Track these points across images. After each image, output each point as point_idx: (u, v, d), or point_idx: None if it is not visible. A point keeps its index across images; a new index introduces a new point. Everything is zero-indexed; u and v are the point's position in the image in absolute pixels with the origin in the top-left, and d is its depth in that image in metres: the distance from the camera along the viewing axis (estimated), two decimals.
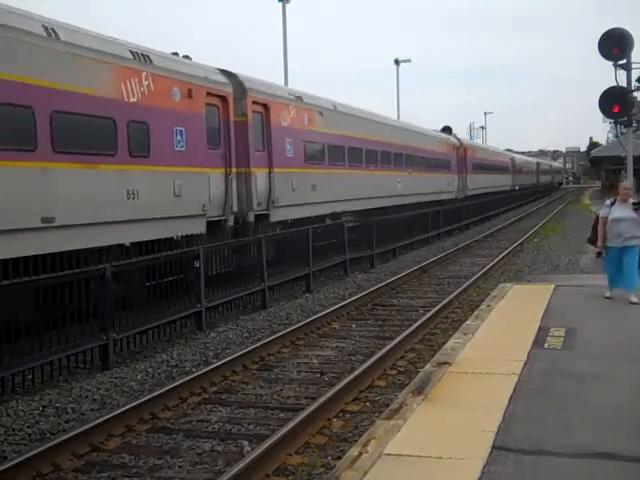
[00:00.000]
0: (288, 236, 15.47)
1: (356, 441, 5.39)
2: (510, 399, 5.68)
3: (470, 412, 5.43)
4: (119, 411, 7.11)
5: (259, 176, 15.85)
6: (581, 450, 4.62)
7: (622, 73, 20.44)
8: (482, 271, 17.10)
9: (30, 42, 9.85)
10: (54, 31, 10.46)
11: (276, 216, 16.40)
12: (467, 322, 9.19)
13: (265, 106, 16.38)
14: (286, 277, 14.59)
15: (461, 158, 37.43)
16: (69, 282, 8.84)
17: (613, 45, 19.80)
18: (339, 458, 5.55)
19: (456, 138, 39.11)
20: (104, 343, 9.20)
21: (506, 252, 21.40)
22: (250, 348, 9.73)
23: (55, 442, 6.24)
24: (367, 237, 19.25)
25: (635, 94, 22.67)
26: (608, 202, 10.63)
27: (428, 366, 7.01)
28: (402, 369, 8.97)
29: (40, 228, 9.77)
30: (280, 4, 31.84)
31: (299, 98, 18.70)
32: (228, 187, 14.50)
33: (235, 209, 14.80)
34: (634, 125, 28.58)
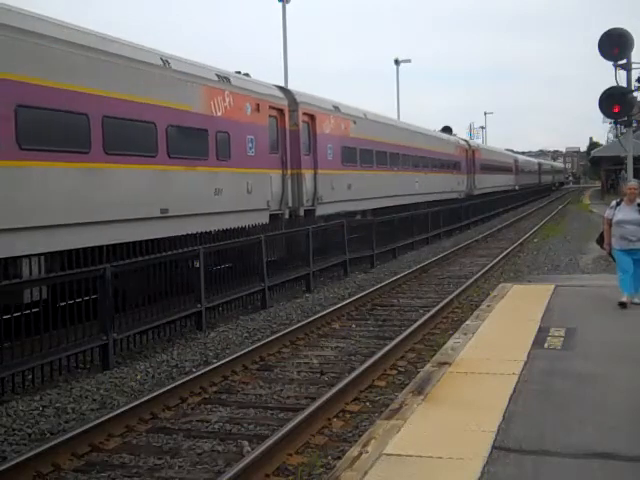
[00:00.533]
0: (290, 236, 15.50)
1: (356, 441, 5.39)
2: (510, 399, 5.68)
3: (470, 412, 5.43)
4: (119, 411, 7.11)
5: (307, 176, 18.62)
6: (581, 450, 4.62)
7: (622, 73, 20.42)
8: (482, 271, 17.10)
9: (153, 72, 12.60)
10: (167, 62, 13.14)
11: (320, 211, 19.15)
12: (467, 322, 9.19)
13: (312, 116, 19.23)
14: (286, 277, 14.60)
15: (470, 159, 39.92)
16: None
17: (613, 45, 19.79)
18: (339, 458, 5.56)
19: (465, 141, 42.49)
20: (104, 343, 9.20)
21: (506, 252, 21.40)
22: (250, 348, 9.73)
23: (55, 442, 6.24)
24: (367, 237, 19.26)
25: (635, 94, 22.64)
26: (614, 203, 10.05)
27: (428, 366, 7.00)
28: (402, 369, 8.98)
29: (159, 217, 12.33)
30: (280, 4, 31.82)
31: (337, 108, 21.43)
32: (284, 186, 17.36)
33: (290, 204, 17.69)
34: (634, 125, 28.59)
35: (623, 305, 9.50)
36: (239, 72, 17.01)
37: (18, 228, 9.54)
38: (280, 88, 18.61)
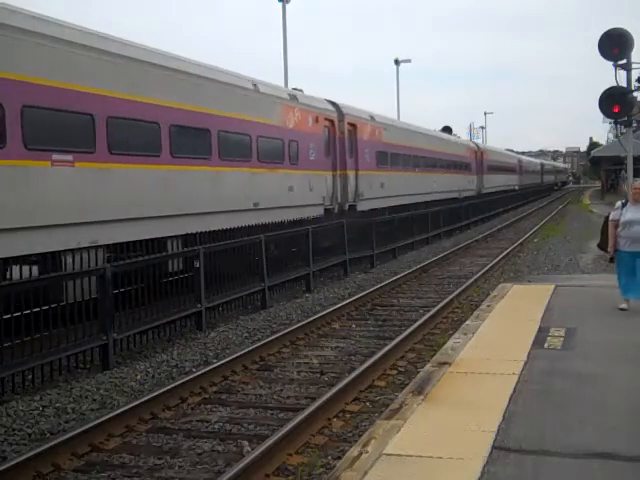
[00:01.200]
0: (288, 236, 15.50)
1: (356, 441, 5.39)
2: (510, 399, 5.68)
3: (470, 412, 5.43)
4: (119, 411, 7.11)
5: (350, 177, 21.73)
6: (581, 450, 4.62)
7: (622, 73, 20.43)
8: (482, 271, 17.10)
9: (248, 94, 16.17)
10: (256, 85, 16.62)
11: (360, 207, 22.19)
12: (467, 322, 9.19)
13: (354, 125, 22.39)
14: (286, 277, 14.60)
15: (479, 161, 43.03)
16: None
17: (613, 45, 19.79)
18: (339, 458, 5.56)
19: (474, 143, 46.91)
20: (104, 343, 9.20)
21: (506, 252, 21.40)
22: (250, 348, 9.73)
23: (55, 442, 6.24)
24: (367, 237, 19.27)
25: (635, 94, 22.64)
26: (619, 203, 9.79)
27: (428, 366, 7.00)
28: (402, 369, 8.97)
29: (252, 209, 15.71)
30: (280, 4, 31.83)
31: (372, 118, 24.67)
32: (335, 184, 20.65)
33: (339, 200, 20.91)
34: (634, 125, 28.58)
35: (624, 311, 9.29)
36: (295, 88, 21.14)
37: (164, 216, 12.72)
38: (330, 102, 21.65)
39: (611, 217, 9.68)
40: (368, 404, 7.64)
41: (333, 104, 21.54)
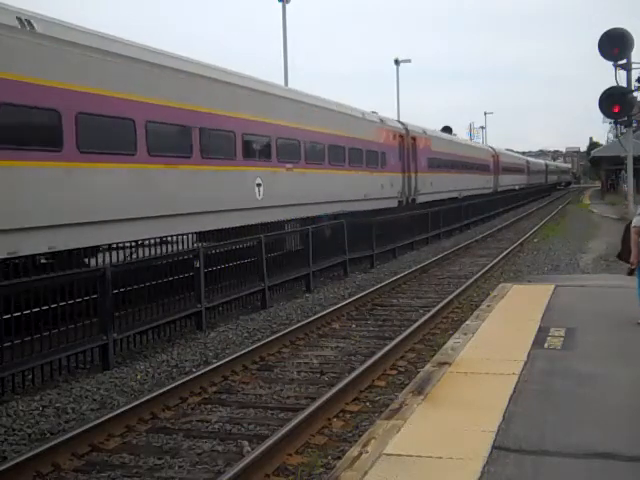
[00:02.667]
0: (289, 235, 15.53)
1: (356, 441, 5.39)
2: (510, 399, 5.67)
3: (470, 412, 5.43)
4: (119, 411, 7.11)
5: (412, 177, 28.78)
6: (581, 450, 4.62)
7: (622, 73, 20.47)
8: (482, 271, 17.09)
9: (358, 120, 23.42)
10: (363, 114, 24.38)
11: (418, 199, 29.23)
12: (467, 322, 9.19)
13: (414, 138, 29.51)
14: (286, 277, 14.60)
15: (495, 163, 49.85)
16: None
17: (613, 45, 19.82)
18: (339, 458, 5.55)
19: (491, 148, 53.13)
20: (104, 343, 9.20)
21: (506, 252, 21.40)
22: (250, 348, 9.73)
23: (55, 442, 6.24)
24: (367, 237, 19.27)
25: (635, 94, 22.66)
26: None
27: (428, 366, 7.00)
28: (402, 369, 8.97)
29: (363, 199, 22.60)
30: (280, 4, 31.82)
31: (425, 132, 32.26)
32: (404, 183, 27.75)
33: (406, 194, 27.92)
34: (634, 125, 28.58)
35: None
36: (374, 112, 27.07)
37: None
38: (400, 122, 30.10)
39: (634, 223, 8.56)
40: (368, 404, 7.63)
41: (402, 123, 29.80)
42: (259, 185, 16.34)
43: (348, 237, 17.69)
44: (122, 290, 9.78)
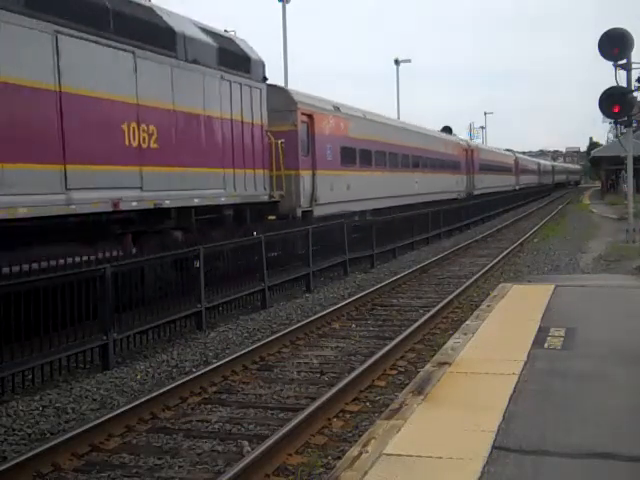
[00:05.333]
0: (291, 235, 15.54)
1: (356, 441, 5.38)
2: (510, 399, 5.67)
3: (470, 412, 5.43)
4: (119, 411, 7.10)
5: (471, 177, 41.23)
6: (581, 450, 4.61)
7: (622, 73, 20.45)
8: (482, 271, 17.09)
9: (443, 140, 37.90)
10: (449, 137, 40.67)
11: (474, 192, 41.20)
12: (467, 322, 9.18)
13: (472, 150, 42.49)
14: (286, 277, 14.60)
15: (515, 166, 60.62)
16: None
17: (613, 45, 19.80)
18: (339, 458, 5.55)
19: (513, 152, 66.27)
20: (104, 343, 9.20)
21: (506, 252, 21.40)
22: (250, 348, 9.73)
23: (55, 442, 6.23)
24: (367, 237, 19.27)
25: (635, 94, 22.64)
26: None
27: (428, 366, 6.99)
28: (402, 369, 8.97)
29: (445, 192, 34.70)
30: (280, 4, 31.84)
31: (477, 145, 47.19)
32: (467, 180, 40.27)
33: (469, 189, 40.33)
34: (634, 125, 28.56)
35: None
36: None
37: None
38: (464, 140, 44.25)
39: None
40: (368, 404, 7.63)
41: (465, 140, 45.15)
42: (416, 182, 30.06)
43: (348, 237, 17.69)
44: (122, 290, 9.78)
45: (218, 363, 8.96)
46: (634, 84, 21.62)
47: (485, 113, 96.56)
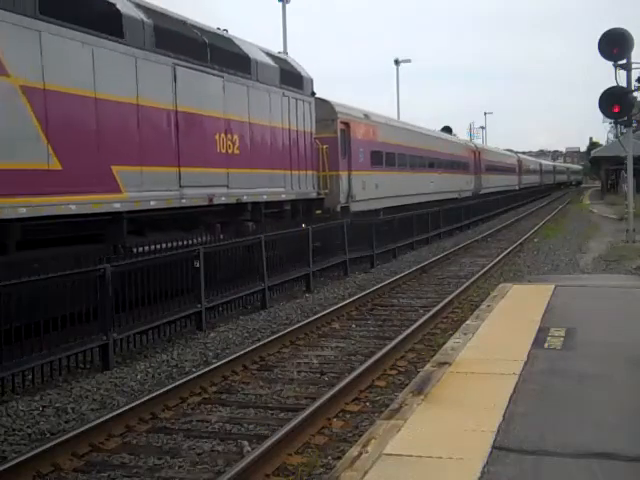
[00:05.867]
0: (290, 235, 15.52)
1: (356, 441, 5.38)
2: (510, 399, 5.67)
3: (470, 412, 5.43)
4: (119, 411, 7.10)
5: (479, 177, 44.38)
6: (581, 450, 4.61)
7: (622, 73, 20.44)
8: (482, 271, 17.10)
9: (456, 144, 42.51)
10: (460, 141, 47.76)
11: (481, 192, 44.20)
12: (467, 322, 9.17)
13: (479, 152, 45.34)
14: (286, 277, 14.59)
15: (519, 167, 63.94)
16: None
17: (613, 45, 19.80)
18: (339, 458, 5.55)
19: (515, 153, 70.69)
20: (104, 343, 9.20)
21: (506, 252, 21.40)
22: (250, 348, 9.73)
23: (55, 442, 6.24)
24: (367, 237, 19.27)
25: (635, 94, 22.66)
26: None
27: (428, 366, 6.99)
28: (402, 369, 8.97)
29: (457, 190, 38.14)
30: (280, 4, 31.84)
31: (483, 148, 49.86)
32: (475, 180, 43.19)
33: (476, 188, 43.14)
34: (634, 125, 28.56)
35: None
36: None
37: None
38: (472, 143, 48.62)
39: None
40: (368, 404, 7.63)
41: (474, 143, 49.63)
42: (432, 182, 32.80)
43: (348, 237, 17.70)
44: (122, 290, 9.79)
45: (218, 363, 8.96)
46: (634, 84, 21.65)
47: (485, 113, 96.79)
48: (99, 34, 11.09)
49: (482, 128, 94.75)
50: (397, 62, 50.40)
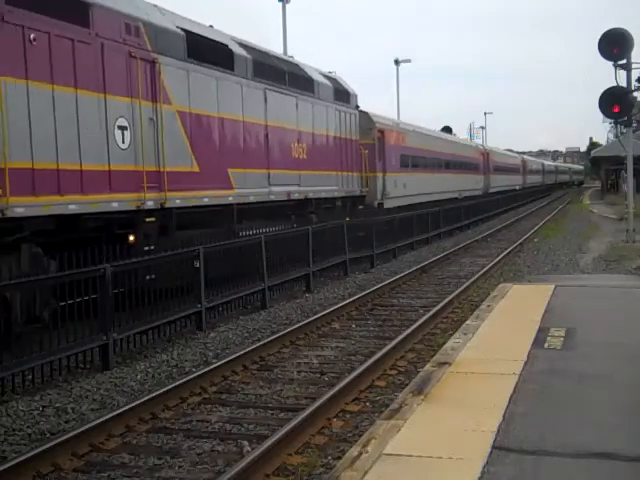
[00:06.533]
0: (289, 235, 15.52)
1: (356, 441, 5.38)
2: (510, 399, 5.67)
3: (470, 412, 5.43)
4: (119, 411, 7.10)
5: (487, 177, 47.72)
6: (581, 450, 4.61)
7: (622, 73, 20.44)
8: (482, 271, 17.09)
9: (471, 147, 48.58)
10: (471, 143, 54.92)
11: (489, 190, 47.30)
12: (467, 322, 9.17)
13: (488, 154, 48.82)
14: (286, 277, 14.59)
15: (523, 167, 67.31)
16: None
17: (613, 45, 19.80)
18: (339, 458, 5.55)
19: (520, 155, 73.08)
20: (104, 343, 9.20)
21: (506, 252, 21.40)
22: (250, 348, 9.73)
23: (55, 442, 6.24)
24: (367, 237, 19.27)
25: (635, 94, 22.66)
26: None
27: (428, 366, 6.99)
28: (402, 369, 8.97)
29: (471, 190, 41.73)
30: (280, 4, 31.85)
31: (491, 149, 52.89)
32: (484, 180, 46.36)
33: (485, 187, 46.29)
34: (634, 125, 28.55)
35: None
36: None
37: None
38: (482, 145, 53.61)
39: None
40: (368, 404, 7.63)
41: (483, 146, 52.16)
42: (449, 181, 36.19)
43: (348, 237, 17.70)
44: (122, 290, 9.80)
45: (218, 363, 8.96)
46: (634, 84, 21.65)
47: (485, 113, 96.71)
48: (220, 69, 14.52)
49: (482, 128, 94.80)
50: (397, 62, 50.40)
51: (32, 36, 9.60)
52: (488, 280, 16.15)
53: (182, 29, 13.39)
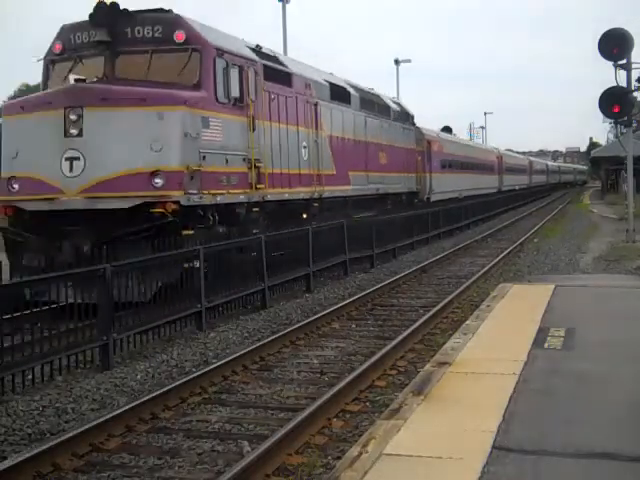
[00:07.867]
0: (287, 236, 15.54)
1: (356, 441, 5.38)
2: (510, 399, 5.67)
3: (470, 412, 5.43)
4: (119, 411, 7.10)
5: (501, 176, 54.76)
6: (581, 450, 4.61)
7: (622, 73, 20.44)
8: (482, 271, 17.09)
9: (492, 152, 55.67)
10: (488, 146, 60.89)
11: (502, 189, 52.96)
12: (467, 322, 9.18)
13: (501, 157, 55.73)
14: (286, 277, 14.59)
15: (529, 167, 72.76)
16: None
17: (613, 45, 19.81)
18: (339, 458, 5.55)
19: (526, 157, 78.65)
20: (104, 343, 9.20)
21: (506, 252, 21.40)
22: (250, 348, 9.73)
23: (55, 442, 6.23)
24: (367, 237, 19.27)
25: (635, 94, 22.66)
26: None
27: (428, 366, 7.00)
28: (402, 369, 8.97)
29: (489, 187, 48.61)
30: (280, 4, 31.87)
31: (503, 152, 60.08)
32: (499, 179, 53.95)
33: (499, 186, 53.14)
34: (634, 125, 28.56)
35: None
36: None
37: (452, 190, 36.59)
38: (495, 147, 59.12)
39: None
40: (368, 404, 7.63)
41: (496, 149, 57.02)
42: (473, 180, 41.93)
43: (348, 237, 17.70)
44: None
45: (218, 363, 8.96)
46: (634, 84, 21.64)
47: (485, 113, 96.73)
48: (343, 104, 21.08)
49: (482, 128, 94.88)
50: (397, 62, 50.37)
51: (272, 96, 16.04)
52: (488, 280, 16.15)
53: (326, 81, 20.18)
